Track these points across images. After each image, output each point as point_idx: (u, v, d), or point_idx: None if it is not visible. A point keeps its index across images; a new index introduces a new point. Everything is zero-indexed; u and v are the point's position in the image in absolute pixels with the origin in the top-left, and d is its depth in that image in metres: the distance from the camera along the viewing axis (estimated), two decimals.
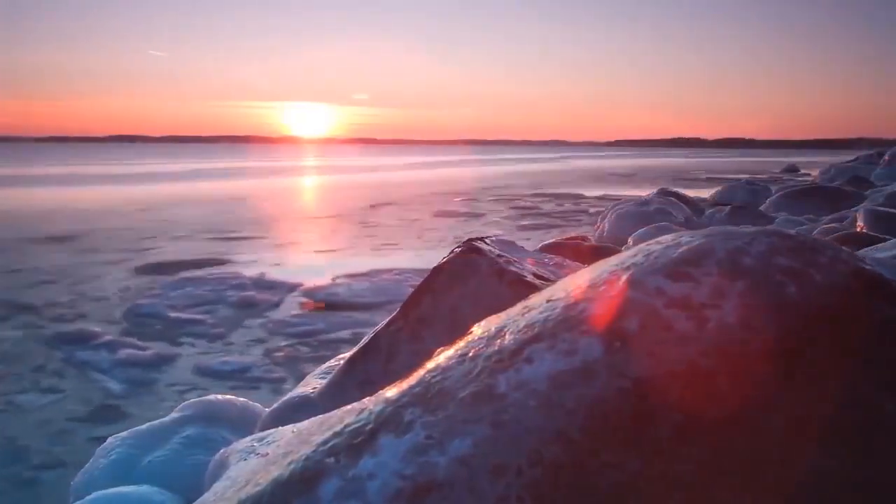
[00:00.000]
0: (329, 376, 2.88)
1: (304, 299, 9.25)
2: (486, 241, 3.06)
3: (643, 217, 14.32)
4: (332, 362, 3.22)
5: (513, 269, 2.61)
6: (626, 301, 1.19)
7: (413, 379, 1.23)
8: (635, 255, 1.39)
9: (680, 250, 1.29)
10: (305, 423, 2.13)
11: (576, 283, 1.36)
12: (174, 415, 4.53)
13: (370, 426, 1.13)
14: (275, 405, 2.89)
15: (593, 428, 1.05)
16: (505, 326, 1.28)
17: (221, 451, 2.28)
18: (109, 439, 4.37)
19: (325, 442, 1.14)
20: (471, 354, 1.23)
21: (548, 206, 22.42)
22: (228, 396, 4.69)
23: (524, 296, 2.59)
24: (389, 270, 10.81)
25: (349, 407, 1.95)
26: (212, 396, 4.69)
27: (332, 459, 1.08)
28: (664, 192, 17.52)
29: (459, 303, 2.59)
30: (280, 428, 2.10)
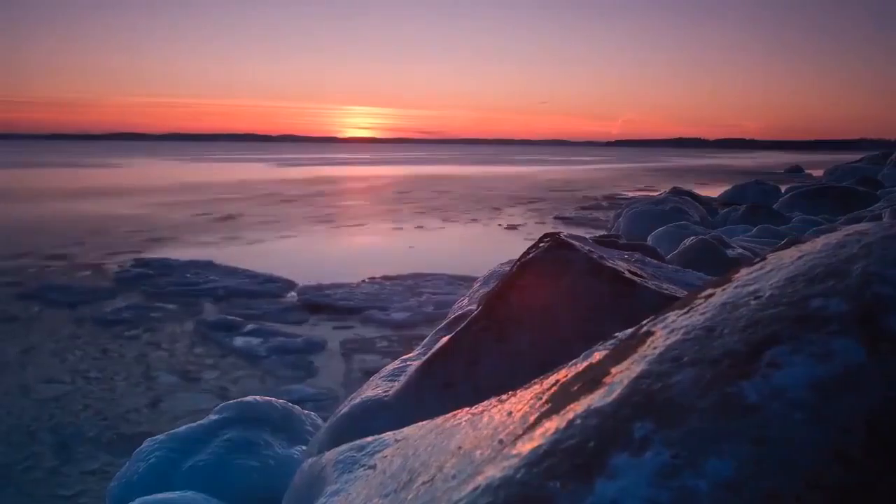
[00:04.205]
0: (402, 378, 2.70)
1: None
2: (561, 236, 2.90)
3: (659, 216, 14.18)
4: (396, 363, 3.06)
5: (609, 265, 2.43)
6: (875, 297, 1.03)
7: (622, 387, 1.06)
8: (842, 246, 1.22)
9: None
10: (408, 430, 1.96)
11: (781, 276, 1.20)
12: (212, 417, 4.34)
13: (592, 443, 0.96)
14: (344, 409, 2.71)
15: (876, 446, 0.88)
16: (715, 326, 1.12)
17: (309, 460, 2.11)
18: (146, 442, 4.18)
19: (536, 461, 0.97)
20: (687, 359, 1.06)
21: None
22: (267, 398, 4.50)
23: (625, 294, 2.44)
24: None
25: (466, 413, 1.78)
26: (250, 398, 4.50)
27: (555, 484, 0.91)
28: (677, 191, 17.38)
29: (551, 302, 2.42)
30: (379, 437, 1.93)
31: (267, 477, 3.80)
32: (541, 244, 2.60)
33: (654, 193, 20.11)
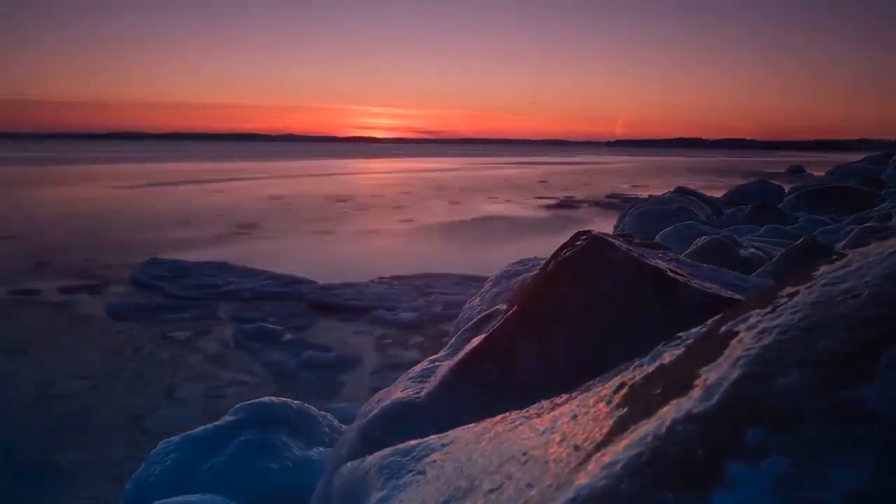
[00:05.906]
0: (433, 379, 2.64)
1: None
2: (594, 233, 2.83)
3: (665, 216, 14.12)
4: (424, 364, 2.99)
5: (651, 263, 2.37)
6: None
7: (721, 390, 1.00)
8: None
9: None
10: (455, 433, 1.90)
11: (875, 274, 1.14)
12: (228, 418, 4.27)
13: (701, 451, 0.90)
14: (374, 410, 2.64)
15: None
16: (813, 326, 1.06)
17: (349, 464, 2.05)
18: (161, 444, 4.11)
19: (638, 470, 0.91)
20: (790, 360, 1.00)
21: None
22: (283, 399, 4.43)
23: (667, 293, 2.37)
24: None
25: (519, 416, 1.72)
26: (266, 399, 4.44)
27: (667, 495, 0.86)
28: (682, 191, 17.32)
29: (591, 301, 2.36)
30: (424, 440, 1.86)
31: (287, 479, 3.73)
32: (577, 242, 2.54)
33: (658, 193, 20.06)
